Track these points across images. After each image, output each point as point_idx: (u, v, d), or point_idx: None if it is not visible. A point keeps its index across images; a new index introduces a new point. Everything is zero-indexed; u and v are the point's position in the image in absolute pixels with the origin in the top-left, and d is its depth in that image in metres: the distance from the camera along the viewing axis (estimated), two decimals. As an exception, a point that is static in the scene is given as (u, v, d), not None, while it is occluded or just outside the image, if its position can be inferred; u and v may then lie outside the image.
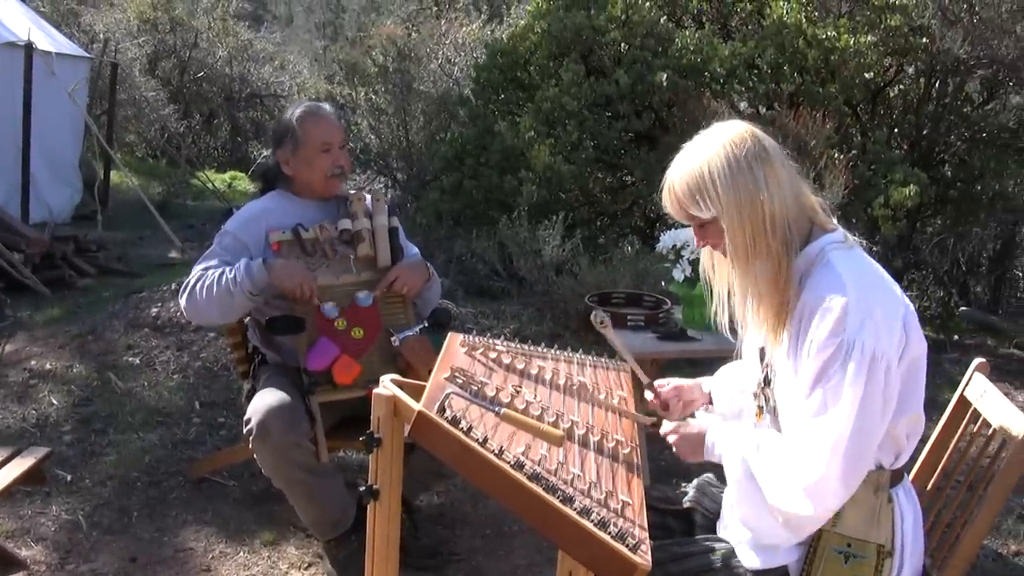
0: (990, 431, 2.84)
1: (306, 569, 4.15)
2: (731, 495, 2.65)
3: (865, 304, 2.32)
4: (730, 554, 2.65)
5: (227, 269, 3.90)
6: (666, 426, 2.82)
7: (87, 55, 13.22)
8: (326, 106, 4.30)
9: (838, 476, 2.30)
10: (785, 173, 2.47)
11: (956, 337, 8.73)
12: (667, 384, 3.01)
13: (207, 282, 3.91)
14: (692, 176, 2.48)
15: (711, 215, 2.48)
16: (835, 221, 2.56)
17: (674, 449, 2.77)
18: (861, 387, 2.28)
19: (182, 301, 4.03)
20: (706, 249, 2.67)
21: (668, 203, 2.58)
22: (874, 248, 8.81)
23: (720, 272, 2.68)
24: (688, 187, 2.49)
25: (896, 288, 2.46)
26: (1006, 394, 2.89)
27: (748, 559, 2.59)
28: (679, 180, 2.51)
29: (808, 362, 2.36)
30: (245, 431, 3.79)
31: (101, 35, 16.51)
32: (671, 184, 2.54)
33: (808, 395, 2.36)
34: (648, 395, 2.94)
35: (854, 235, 2.55)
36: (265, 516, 4.54)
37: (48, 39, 11.48)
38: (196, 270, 4.02)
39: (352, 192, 4.24)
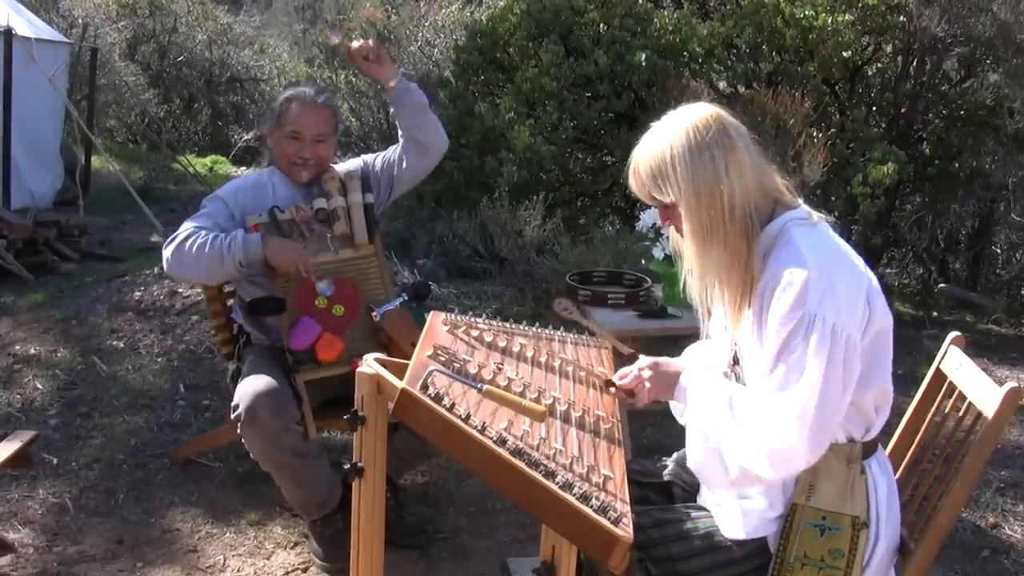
0: (965, 404, 2.86)
1: (292, 548, 4.18)
2: (689, 438, 2.69)
3: (826, 278, 2.35)
4: (711, 523, 2.68)
5: (222, 235, 3.92)
6: (644, 360, 2.83)
7: (66, 40, 13.15)
8: (320, 96, 4.29)
9: (804, 447, 2.34)
10: (748, 158, 2.49)
11: (935, 314, 8.77)
12: (645, 361, 3.01)
13: (199, 240, 3.92)
14: (655, 159, 2.51)
15: (671, 199, 2.51)
16: (800, 200, 2.58)
17: (645, 384, 2.77)
18: (824, 359, 2.31)
19: (167, 252, 4.01)
20: (672, 229, 2.69)
21: (633, 183, 2.63)
22: (853, 226, 8.86)
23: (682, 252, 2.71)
24: (651, 170, 2.52)
25: (859, 262, 2.49)
26: (984, 370, 2.92)
27: (728, 529, 2.63)
28: (643, 163, 2.55)
29: (771, 336, 2.39)
30: (233, 416, 3.80)
31: (80, 20, 16.41)
32: (636, 165, 2.58)
33: (772, 369, 2.39)
34: (611, 389, 2.94)
35: (833, 213, 2.59)
36: (251, 496, 4.56)
37: (27, 24, 11.43)
38: (187, 225, 4.03)
39: (325, 170, 4.26)
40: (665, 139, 2.50)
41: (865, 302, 2.41)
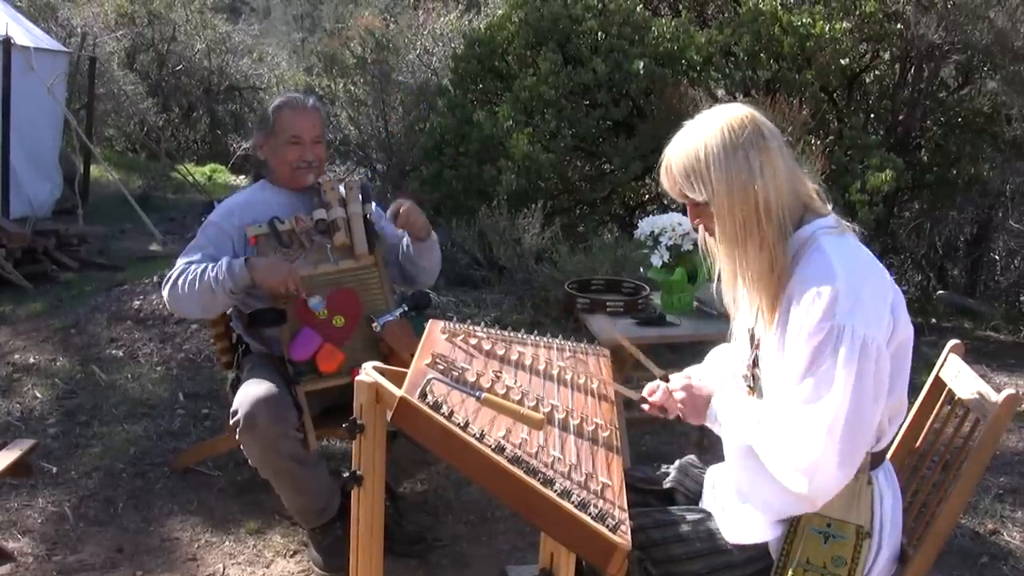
0: (964, 410, 2.88)
1: (291, 556, 4.19)
2: (729, 465, 2.67)
3: (855, 289, 2.34)
4: (713, 526, 2.68)
5: (210, 266, 3.93)
6: (675, 381, 2.83)
7: (65, 49, 13.16)
8: (309, 99, 4.32)
9: (834, 460, 2.32)
10: (782, 160, 2.48)
11: (934, 320, 8.79)
12: (679, 381, 2.96)
13: (189, 277, 3.93)
14: (688, 157, 2.50)
15: (703, 198, 2.50)
16: (830, 207, 2.58)
17: (679, 406, 2.78)
18: (853, 371, 2.30)
19: (164, 293, 4.05)
20: (702, 228, 2.69)
21: (665, 181, 2.61)
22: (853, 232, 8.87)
23: (714, 252, 2.71)
24: (684, 168, 2.51)
25: (885, 273, 2.48)
26: (983, 376, 2.93)
27: (731, 533, 2.63)
28: (676, 160, 2.54)
29: (799, 347, 2.38)
30: (232, 422, 3.80)
31: (79, 29, 16.42)
32: (668, 163, 2.57)
33: (800, 381, 2.38)
34: (644, 406, 2.93)
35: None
36: (250, 505, 4.57)
37: (26, 34, 11.44)
38: (179, 263, 4.05)
39: (323, 181, 4.27)
40: (699, 137, 2.49)
41: (890, 313, 2.41)
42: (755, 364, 2.64)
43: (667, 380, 2.88)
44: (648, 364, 3.13)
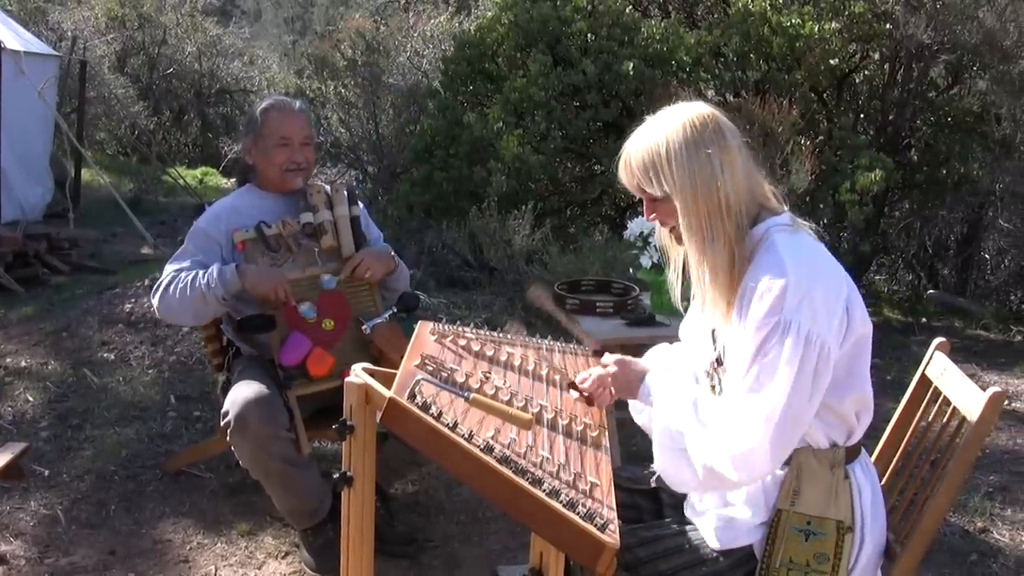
0: (950, 408, 2.89)
1: (283, 558, 4.19)
2: (655, 441, 2.65)
3: (805, 286, 2.36)
4: (697, 536, 2.69)
5: (200, 273, 3.93)
6: (608, 357, 2.84)
7: (55, 53, 13.15)
8: (296, 102, 4.33)
9: (767, 449, 2.33)
10: (740, 159, 2.50)
11: (924, 320, 8.82)
12: (611, 356, 2.97)
13: (180, 285, 3.94)
14: (648, 152, 2.51)
15: (662, 193, 2.51)
16: (786, 207, 2.59)
17: (609, 381, 2.78)
18: (796, 365, 2.31)
19: (154, 301, 4.06)
20: (659, 224, 2.70)
21: (623, 175, 2.62)
22: (842, 233, 8.90)
23: (672, 248, 2.72)
24: (643, 162, 2.52)
25: (840, 270, 2.50)
26: (973, 375, 2.95)
27: (713, 540, 2.64)
28: (636, 154, 2.55)
29: (747, 339, 2.40)
30: (223, 424, 3.81)
31: (69, 33, 16.43)
32: (628, 157, 2.58)
33: (746, 371, 2.40)
34: (573, 393, 2.91)
35: (821, 220, 2.59)
36: (242, 507, 4.57)
37: (16, 38, 11.42)
38: (168, 270, 4.06)
39: (310, 184, 4.28)
40: (660, 132, 2.51)
41: (844, 310, 2.42)
42: (719, 363, 2.65)
43: (600, 354, 2.90)
44: (582, 335, 3.14)
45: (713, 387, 2.69)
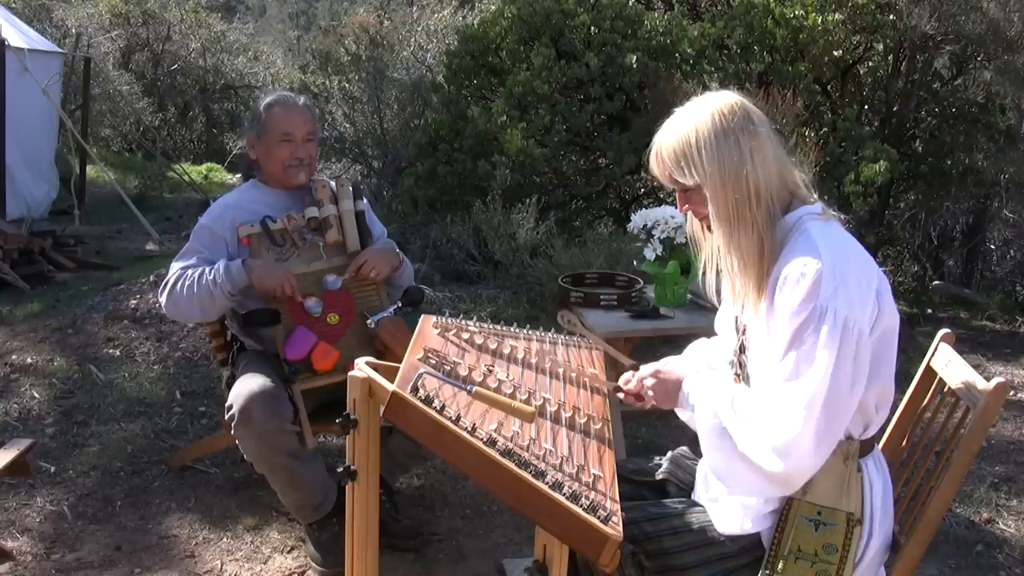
0: (955, 399, 2.89)
1: (288, 552, 4.20)
2: (704, 448, 2.64)
3: (839, 273, 2.36)
4: (705, 518, 2.69)
5: (207, 269, 3.95)
6: (645, 368, 2.84)
7: (60, 50, 13.18)
8: (300, 98, 4.33)
9: (811, 438, 2.32)
10: (771, 147, 2.50)
11: (930, 311, 8.81)
12: (647, 368, 2.99)
13: (187, 282, 3.95)
14: (679, 142, 2.51)
15: (694, 182, 2.51)
16: (816, 196, 2.59)
17: (648, 393, 2.79)
18: (834, 351, 2.30)
19: (162, 299, 4.07)
20: (691, 215, 2.70)
21: (654, 166, 2.62)
22: (848, 225, 8.89)
23: (704, 238, 2.71)
24: (674, 152, 2.53)
25: (871, 260, 2.49)
26: (978, 366, 2.94)
27: (723, 525, 2.64)
28: (666, 145, 2.55)
29: (782, 326, 2.39)
30: (227, 417, 3.81)
31: (73, 30, 16.45)
32: (659, 148, 2.58)
33: (782, 358, 2.39)
34: (619, 395, 2.93)
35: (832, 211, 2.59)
36: (247, 502, 4.58)
37: (20, 35, 11.45)
38: (175, 268, 4.06)
39: (314, 179, 4.28)
40: (690, 122, 2.51)
41: (875, 299, 2.41)
42: (742, 351, 2.65)
43: (636, 369, 2.90)
44: (616, 355, 3.14)
45: (736, 376, 2.70)
